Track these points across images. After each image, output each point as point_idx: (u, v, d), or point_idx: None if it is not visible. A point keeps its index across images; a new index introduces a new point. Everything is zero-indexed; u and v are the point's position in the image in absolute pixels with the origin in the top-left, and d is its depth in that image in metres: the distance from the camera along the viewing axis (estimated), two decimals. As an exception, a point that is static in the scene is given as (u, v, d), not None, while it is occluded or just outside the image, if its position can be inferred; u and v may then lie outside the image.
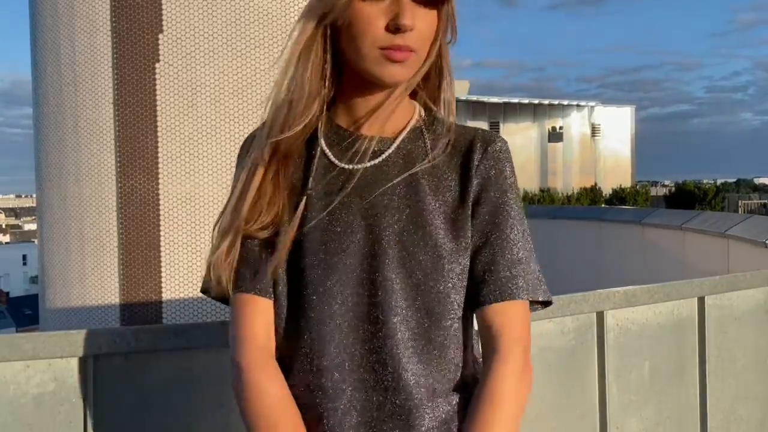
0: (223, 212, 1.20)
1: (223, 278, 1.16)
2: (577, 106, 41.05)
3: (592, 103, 41.81)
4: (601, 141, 41.10)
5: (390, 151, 1.19)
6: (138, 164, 5.91)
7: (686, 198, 30.91)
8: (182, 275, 5.93)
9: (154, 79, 5.83)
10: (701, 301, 2.70)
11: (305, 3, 1.20)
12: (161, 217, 5.93)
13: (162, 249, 5.93)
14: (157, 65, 5.82)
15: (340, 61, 1.18)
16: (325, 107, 1.21)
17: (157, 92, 5.83)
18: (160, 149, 5.86)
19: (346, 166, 1.18)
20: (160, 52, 5.81)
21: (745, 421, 2.84)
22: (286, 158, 1.18)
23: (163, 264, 5.94)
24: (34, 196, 6.76)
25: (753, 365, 2.87)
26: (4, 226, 78.63)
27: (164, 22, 5.79)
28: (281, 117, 1.16)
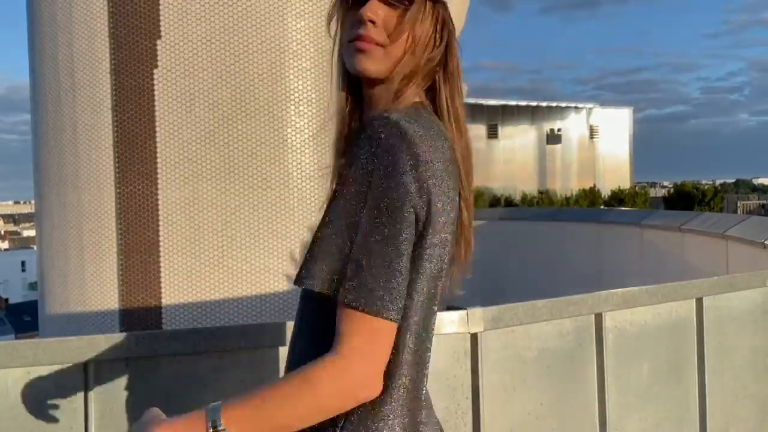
0: None
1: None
2: (575, 108, 41.05)
3: (590, 105, 41.82)
4: (600, 143, 41.10)
5: None
6: (137, 169, 5.91)
7: (685, 199, 30.91)
8: (182, 280, 5.93)
9: (153, 85, 5.84)
10: (699, 302, 2.71)
11: (302, 8, 1.22)
12: (160, 223, 5.93)
13: (161, 254, 5.93)
14: (155, 71, 5.83)
15: None
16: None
17: (156, 98, 5.84)
18: (158, 154, 5.86)
19: None
20: (159, 58, 5.81)
21: (744, 420, 2.84)
22: None
23: (162, 269, 5.94)
24: (33, 202, 6.75)
25: (751, 365, 2.88)
26: (2, 233, 78.50)
27: (162, 28, 5.80)
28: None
